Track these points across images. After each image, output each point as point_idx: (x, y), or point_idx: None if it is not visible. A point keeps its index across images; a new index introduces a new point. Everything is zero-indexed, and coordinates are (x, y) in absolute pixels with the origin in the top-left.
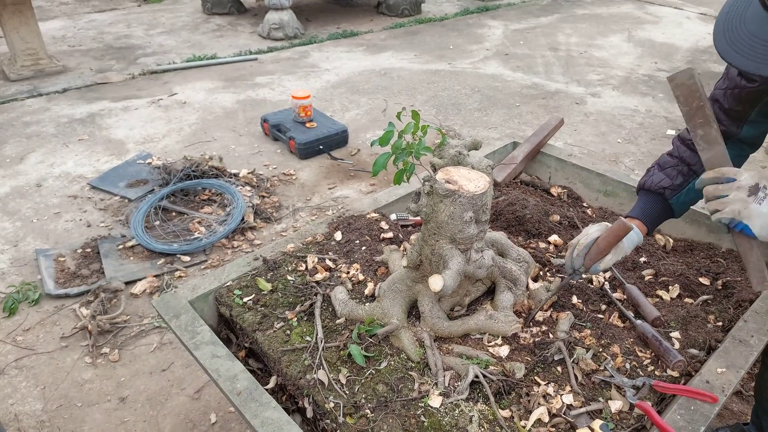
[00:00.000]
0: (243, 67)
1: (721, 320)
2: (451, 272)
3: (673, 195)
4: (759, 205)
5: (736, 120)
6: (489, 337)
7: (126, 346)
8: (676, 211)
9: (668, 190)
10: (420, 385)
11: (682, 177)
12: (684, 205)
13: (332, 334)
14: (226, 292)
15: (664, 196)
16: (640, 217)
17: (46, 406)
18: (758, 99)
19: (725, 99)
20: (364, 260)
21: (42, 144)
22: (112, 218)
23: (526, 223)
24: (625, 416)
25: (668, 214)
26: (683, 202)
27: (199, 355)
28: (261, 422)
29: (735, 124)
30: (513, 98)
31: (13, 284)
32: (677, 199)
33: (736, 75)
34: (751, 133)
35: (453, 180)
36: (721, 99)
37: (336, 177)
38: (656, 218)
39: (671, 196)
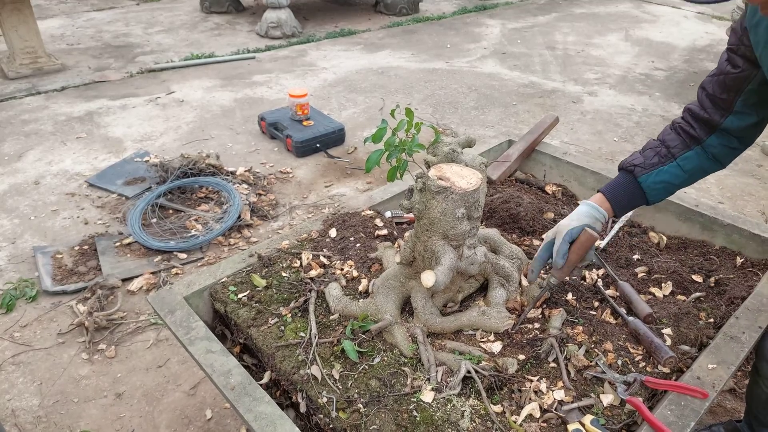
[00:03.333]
0: (241, 66)
1: (713, 317)
2: (443, 268)
3: (643, 173)
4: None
5: (720, 109)
6: (481, 333)
7: (122, 342)
8: (646, 192)
9: (638, 167)
10: (412, 381)
11: (658, 158)
12: (655, 189)
13: (326, 329)
14: (221, 288)
15: (634, 174)
16: (605, 193)
17: (43, 402)
18: (741, 87)
19: (711, 85)
20: (358, 257)
21: (40, 142)
22: (109, 216)
23: (520, 221)
24: (616, 412)
25: (638, 195)
26: (653, 183)
27: (193, 351)
28: (254, 417)
29: (718, 113)
30: (510, 97)
31: (10, 281)
32: (646, 178)
33: (724, 61)
34: (735, 125)
35: (445, 177)
36: (707, 86)
37: (333, 175)
38: (624, 197)
39: (640, 174)
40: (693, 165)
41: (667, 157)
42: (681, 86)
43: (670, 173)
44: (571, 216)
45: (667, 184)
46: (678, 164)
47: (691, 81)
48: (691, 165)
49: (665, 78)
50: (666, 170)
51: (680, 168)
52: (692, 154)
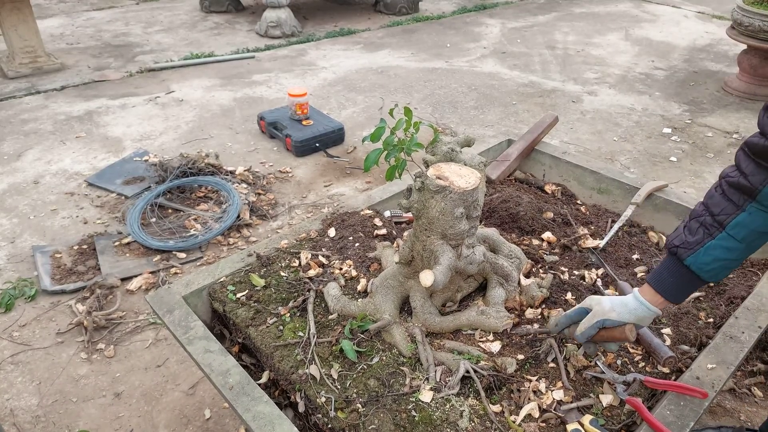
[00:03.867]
0: (240, 65)
1: (713, 317)
2: (441, 268)
3: (688, 254)
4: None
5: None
6: (480, 332)
7: (121, 342)
8: (699, 274)
9: (681, 248)
10: (411, 380)
11: (703, 230)
12: (711, 270)
13: (325, 329)
14: (219, 288)
15: (678, 256)
16: (652, 283)
17: (42, 401)
18: None
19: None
20: (357, 256)
21: (39, 141)
22: (108, 215)
23: (519, 220)
24: (615, 412)
25: (692, 278)
26: (704, 264)
27: (192, 350)
28: (253, 416)
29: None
30: (510, 96)
31: (9, 280)
32: (694, 259)
33: None
34: None
35: (444, 176)
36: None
37: (332, 174)
38: (674, 285)
39: (685, 256)
40: (747, 231)
41: (713, 227)
42: (681, 86)
43: (720, 248)
44: (615, 302)
45: (721, 262)
46: (728, 234)
47: (691, 81)
48: (745, 231)
49: (665, 77)
50: (714, 245)
51: (732, 239)
52: (744, 217)
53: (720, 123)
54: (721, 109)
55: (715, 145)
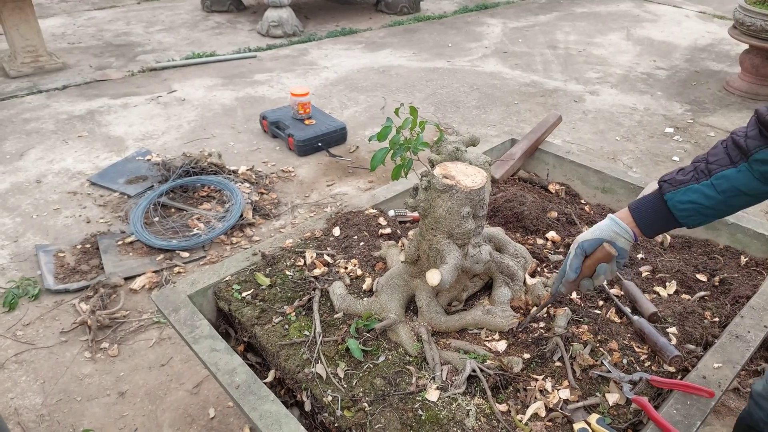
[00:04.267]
0: (242, 65)
1: (718, 316)
2: (448, 267)
3: (669, 189)
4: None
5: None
6: (486, 331)
7: (125, 341)
8: (673, 212)
9: (667, 183)
10: (417, 379)
11: (693, 174)
12: (683, 210)
13: (330, 328)
14: (224, 287)
15: (661, 190)
16: (631, 208)
17: (46, 401)
18: None
19: None
20: (362, 255)
21: (42, 140)
22: (111, 214)
23: (524, 220)
24: (622, 411)
25: (666, 214)
26: (679, 202)
27: (198, 349)
28: (259, 415)
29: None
30: (511, 96)
31: (13, 279)
32: (672, 195)
33: None
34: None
35: (450, 175)
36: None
37: (334, 174)
38: (649, 214)
39: (667, 190)
40: (730, 185)
41: (703, 173)
42: (683, 85)
43: (700, 192)
44: (590, 229)
45: (696, 206)
46: (711, 183)
47: (693, 80)
48: (728, 185)
49: (667, 77)
50: (696, 188)
51: (713, 188)
52: (732, 172)
53: (722, 122)
54: (723, 109)
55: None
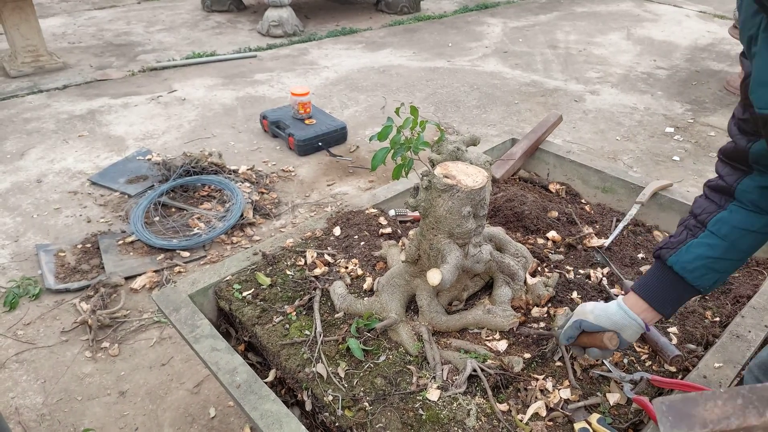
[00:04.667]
0: (242, 64)
1: (719, 316)
2: (449, 266)
3: (670, 254)
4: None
5: (745, 133)
6: (487, 331)
7: (126, 340)
8: (684, 277)
9: (664, 249)
10: (418, 379)
11: (687, 232)
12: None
13: (331, 328)
14: (225, 287)
15: (661, 258)
16: (636, 289)
17: (47, 400)
18: None
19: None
20: (362, 255)
21: (42, 140)
22: (112, 214)
23: (524, 219)
24: (622, 410)
25: (677, 282)
26: (686, 263)
27: (198, 349)
28: (260, 414)
29: (745, 138)
30: (512, 96)
31: (13, 279)
32: (676, 259)
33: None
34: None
35: (451, 175)
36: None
37: (335, 174)
38: (659, 289)
39: (667, 256)
40: (729, 227)
41: (696, 227)
42: (683, 85)
43: (703, 245)
44: (598, 305)
45: (705, 260)
46: (710, 232)
47: (693, 80)
48: (727, 228)
49: (667, 77)
50: (696, 243)
51: (714, 236)
52: (725, 215)
53: (722, 122)
54: (724, 109)
55: (717, 144)
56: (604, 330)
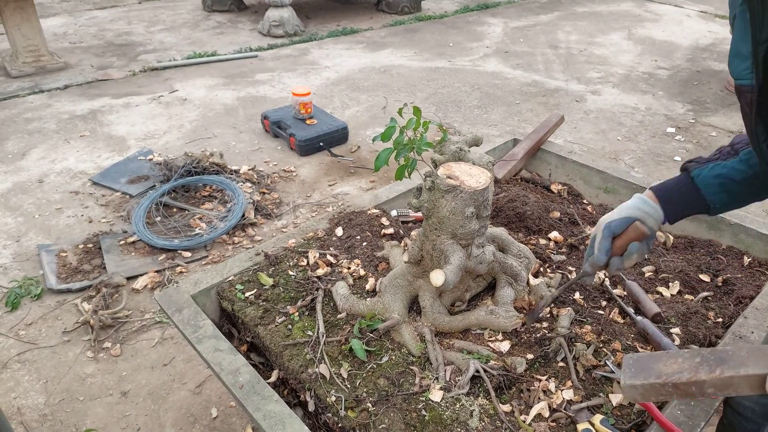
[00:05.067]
0: (243, 64)
1: (721, 316)
2: (452, 267)
3: (696, 167)
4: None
5: None
6: (489, 332)
7: (127, 340)
8: (701, 189)
9: (693, 163)
10: (421, 380)
11: (719, 154)
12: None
13: (333, 328)
14: (228, 287)
15: (688, 170)
16: (654, 189)
17: (49, 400)
18: None
19: None
20: (365, 256)
21: (43, 140)
22: (113, 214)
23: (526, 220)
24: (625, 411)
25: (692, 193)
26: (707, 177)
27: (201, 349)
28: (263, 415)
29: None
30: (513, 96)
31: (15, 279)
32: (699, 172)
33: None
34: None
35: (454, 175)
36: None
37: (336, 174)
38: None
39: (692, 168)
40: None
41: (730, 153)
42: (684, 85)
43: (730, 168)
44: (615, 209)
45: (725, 180)
46: (741, 159)
47: (695, 80)
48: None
49: (668, 77)
50: (725, 164)
51: (744, 163)
52: None
53: (724, 122)
54: (725, 109)
55: (719, 144)
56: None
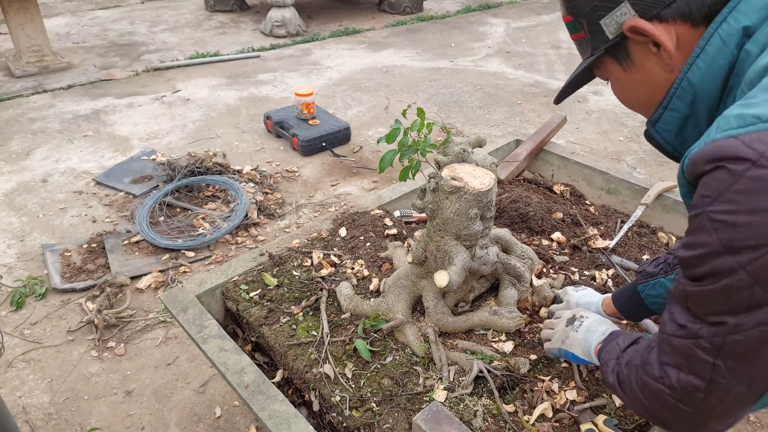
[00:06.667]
0: (246, 64)
1: None
2: (456, 268)
3: (641, 281)
4: (576, 332)
5: None
6: (493, 332)
7: (131, 340)
8: (647, 303)
9: (641, 274)
10: (425, 380)
11: (661, 267)
12: (654, 302)
13: (338, 328)
14: (232, 287)
15: (636, 282)
16: (614, 297)
17: (54, 399)
18: None
19: None
20: (368, 256)
21: (47, 140)
22: (117, 214)
23: (529, 221)
24: (629, 412)
25: (642, 305)
26: (649, 296)
27: (207, 349)
28: (269, 415)
29: None
30: (515, 96)
31: (20, 278)
32: (643, 288)
33: None
34: None
35: (458, 177)
36: None
37: (338, 174)
38: (629, 304)
39: (639, 282)
40: None
41: (669, 266)
42: None
43: (666, 287)
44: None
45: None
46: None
47: None
48: None
49: None
50: (662, 282)
51: None
52: None
53: None
54: None
55: None
56: None
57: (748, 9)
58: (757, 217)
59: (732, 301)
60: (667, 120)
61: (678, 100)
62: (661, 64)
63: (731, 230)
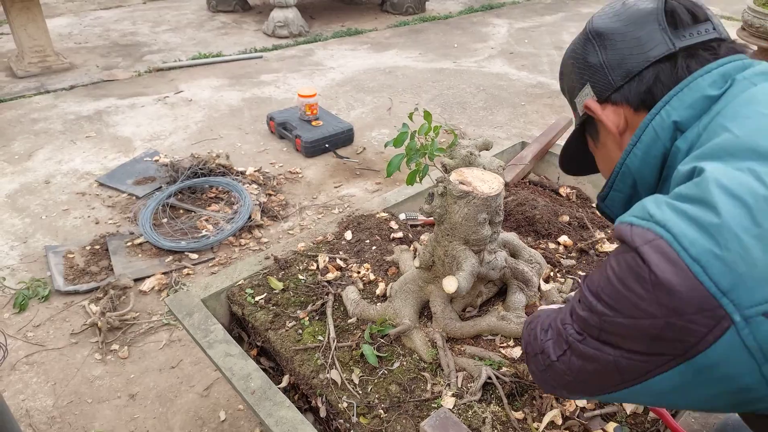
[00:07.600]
0: (248, 65)
1: None
2: (465, 274)
3: None
4: None
5: None
6: (501, 338)
7: (135, 342)
8: None
9: None
10: (433, 386)
11: None
12: None
13: (344, 333)
14: (238, 291)
15: None
16: None
17: (57, 402)
18: None
19: None
20: (374, 260)
21: (50, 141)
22: (120, 215)
23: (535, 224)
24: (639, 419)
25: None
26: None
27: (212, 354)
28: (275, 421)
29: None
30: (518, 97)
31: (23, 280)
32: None
33: None
34: None
35: (467, 181)
36: None
37: (342, 175)
38: None
39: None
40: None
41: None
42: None
43: None
44: None
45: None
46: None
47: None
48: None
49: None
50: None
51: None
52: None
53: None
54: None
55: None
56: None
57: (679, 105)
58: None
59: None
60: (613, 198)
61: (620, 182)
62: (617, 143)
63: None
